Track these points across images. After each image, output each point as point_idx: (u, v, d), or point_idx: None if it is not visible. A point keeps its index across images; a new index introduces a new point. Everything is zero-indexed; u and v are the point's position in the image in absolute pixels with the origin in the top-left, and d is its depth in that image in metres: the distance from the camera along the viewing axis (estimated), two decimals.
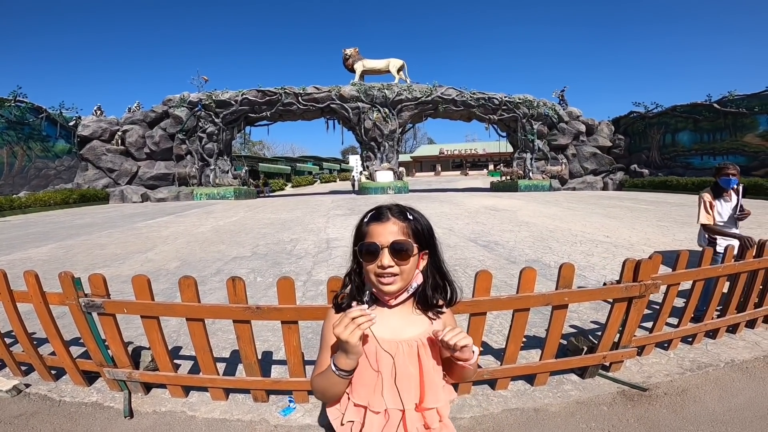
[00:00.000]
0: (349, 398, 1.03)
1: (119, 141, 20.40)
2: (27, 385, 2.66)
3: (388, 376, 1.00)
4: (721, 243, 3.49)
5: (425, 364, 1.02)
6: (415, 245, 0.97)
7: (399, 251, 0.95)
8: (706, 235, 3.71)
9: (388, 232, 0.96)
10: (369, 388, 1.01)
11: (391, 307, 1.03)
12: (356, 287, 1.06)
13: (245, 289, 2.21)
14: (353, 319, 0.87)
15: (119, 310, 2.27)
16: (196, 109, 20.45)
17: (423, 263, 1.03)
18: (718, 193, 3.64)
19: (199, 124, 20.67)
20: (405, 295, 1.02)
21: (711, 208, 3.61)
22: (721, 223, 3.62)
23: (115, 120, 21.04)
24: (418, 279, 1.03)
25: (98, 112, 21.44)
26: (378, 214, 1.01)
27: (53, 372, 2.73)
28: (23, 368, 2.80)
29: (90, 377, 2.68)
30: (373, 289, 1.01)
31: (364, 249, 0.98)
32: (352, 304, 1.01)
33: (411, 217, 1.00)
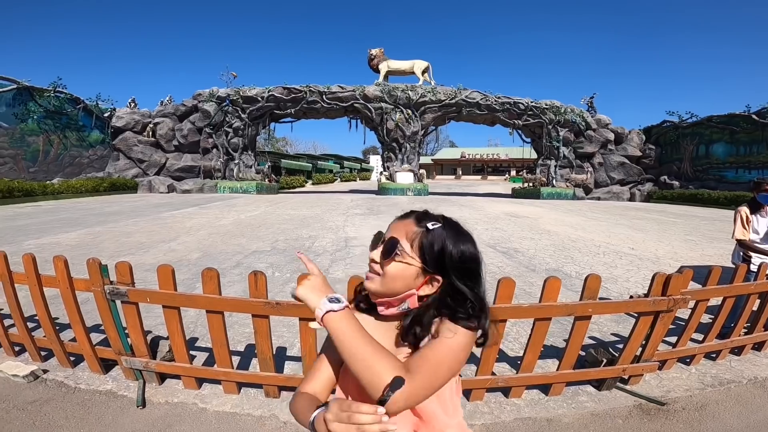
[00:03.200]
0: None
1: (150, 133, 21.10)
2: (45, 371, 2.71)
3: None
4: (756, 260, 3.34)
5: None
6: (411, 256, 0.83)
7: (385, 250, 0.84)
8: (741, 252, 3.56)
9: (397, 229, 0.87)
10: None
11: (380, 317, 0.90)
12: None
13: (266, 284, 2.22)
14: (359, 425, 0.63)
15: (142, 299, 2.32)
16: (224, 104, 20.93)
17: (429, 289, 0.85)
18: (756, 208, 3.48)
19: (226, 119, 21.16)
20: (393, 310, 0.87)
21: (747, 224, 3.46)
22: (758, 240, 3.46)
23: (147, 112, 21.77)
24: (413, 301, 0.86)
25: (132, 105, 22.25)
26: (406, 213, 0.92)
27: (72, 359, 2.79)
28: (43, 353, 2.86)
29: (107, 365, 2.74)
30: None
31: (374, 236, 0.91)
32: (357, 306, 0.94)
33: (425, 227, 0.84)
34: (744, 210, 3.51)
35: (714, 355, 3.03)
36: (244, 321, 3.31)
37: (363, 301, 0.95)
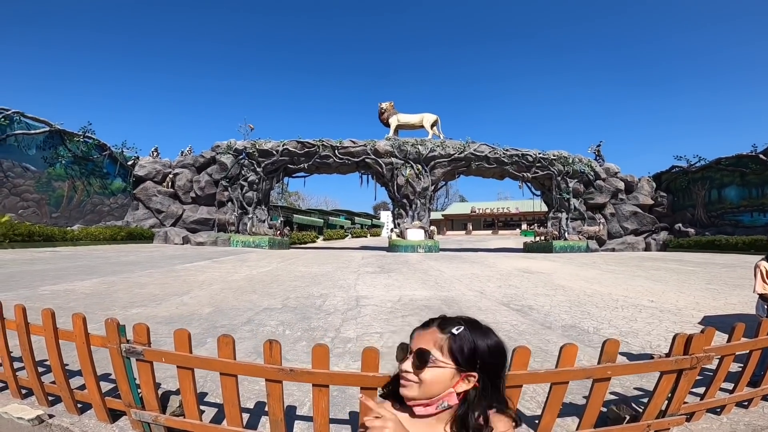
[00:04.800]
0: None
1: (170, 183, 21.77)
2: (51, 416, 2.71)
3: None
4: None
5: None
6: (444, 362, 0.92)
7: (418, 359, 0.92)
8: (765, 305, 3.46)
9: (423, 339, 0.95)
10: None
11: (414, 415, 0.97)
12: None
13: (281, 351, 2.27)
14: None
15: (158, 358, 2.37)
16: (241, 156, 21.70)
17: (465, 385, 0.93)
18: None
19: (242, 172, 21.83)
20: (431, 410, 0.94)
21: (767, 277, 3.39)
22: None
23: (168, 162, 22.66)
24: (451, 399, 0.94)
25: (155, 153, 23.11)
26: (426, 322, 1.00)
27: (79, 405, 2.78)
28: (50, 398, 2.87)
29: (114, 415, 2.72)
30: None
31: (398, 348, 0.99)
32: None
33: (450, 333, 0.93)
34: (763, 264, 3.46)
35: (746, 404, 2.93)
36: (255, 378, 3.25)
37: (389, 396, 1.04)
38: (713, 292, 7.66)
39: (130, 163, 21.28)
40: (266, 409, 2.37)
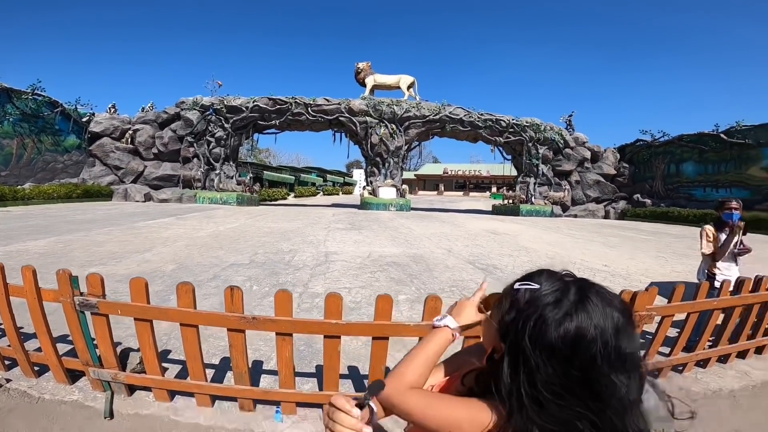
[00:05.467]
0: None
1: (129, 140, 20.62)
2: (8, 380, 2.63)
3: None
4: (719, 277, 3.51)
5: None
6: (493, 318, 0.74)
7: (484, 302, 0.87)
8: (705, 270, 3.73)
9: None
10: None
11: None
12: None
13: (242, 299, 2.21)
14: (333, 422, 0.67)
15: (113, 311, 2.27)
16: (208, 113, 20.70)
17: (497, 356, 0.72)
18: (721, 226, 3.66)
19: (209, 128, 20.89)
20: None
21: (713, 240, 3.63)
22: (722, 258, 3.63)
23: (127, 118, 21.31)
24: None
25: (112, 110, 21.74)
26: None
27: (36, 368, 2.70)
28: (7, 363, 2.78)
29: (73, 376, 2.66)
30: None
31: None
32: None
33: (517, 286, 0.69)
34: (709, 228, 3.70)
35: (681, 368, 3.13)
36: (220, 334, 3.24)
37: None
38: (662, 260, 8.19)
39: (84, 119, 20.18)
40: (231, 364, 2.37)
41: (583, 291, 0.63)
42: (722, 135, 18.78)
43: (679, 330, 3.04)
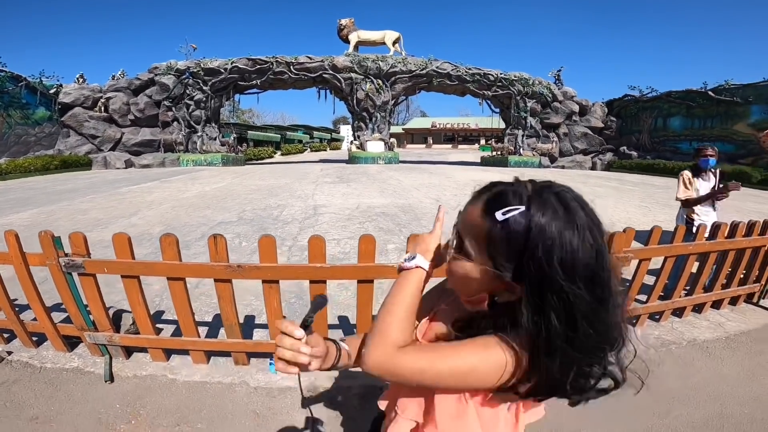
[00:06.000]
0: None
1: (102, 108, 19.85)
2: (9, 352, 2.66)
3: None
4: (696, 222, 3.58)
5: None
6: (479, 255, 0.63)
7: (456, 245, 0.68)
8: (684, 215, 3.81)
9: (466, 218, 0.67)
10: None
11: None
12: None
13: (227, 248, 2.19)
14: (278, 346, 0.64)
15: (99, 269, 2.26)
16: (184, 76, 19.93)
17: (508, 296, 0.64)
18: (698, 173, 3.72)
19: (187, 91, 20.17)
20: (469, 308, 0.72)
21: (690, 185, 3.70)
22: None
23: (98, 87, 20.34)
24: (483, 306, 0.69)
25: (81, 80, 20.82)
26: (479, 191, 0.68)
27: (34, 338, 2.73)
28: (5, 335, 2.80)
29: (71, 343, 2.69)
30: None
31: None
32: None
33: (493, 219, 0.60)
34: (686, 173, 3.75)
35: (657, 317, 3.19)
36: (211, 292, 3.29)
37: None
38: (645, 209, 8.37)
39: (52, 91, 19.38)
40: (222, 317, 2.42)
41: (565, 200, 0.60)
42: (710, 92, 18.88)
43: (656, 278, 3.05)
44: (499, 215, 0.59)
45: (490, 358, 0.62)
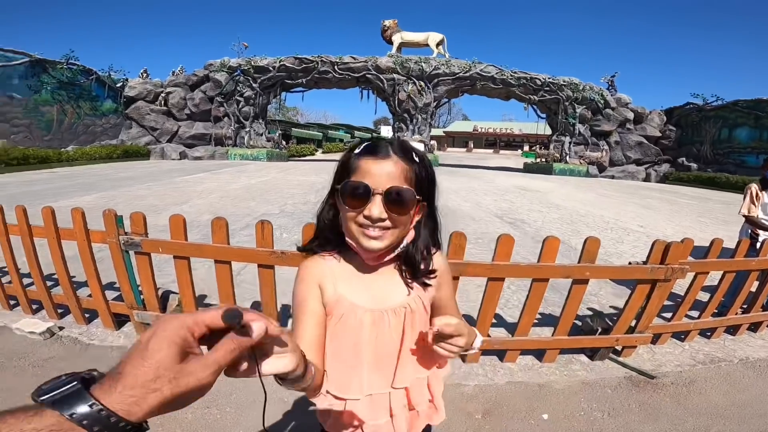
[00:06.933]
0: (324, 388, 0.81)
1: (162, 102, 21.27)
2: (61, 328, 2.79)
3: (369, 353, 0.82)
4: (761, 238, 3.31)
5: (408, 336, 0.83)
6: (417, 196, 0.75)
7: (396, 201, 0.73)
8: (749, 230, 3.53)
9: (386, 173, 0.73)
10: (346, 371, 0.82)
11: (370, 268, 0.83)
12: (325, 237, 0.87)
13: (272, 234, 2.26)
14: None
15: (155, 249, 2.40)
16: (236, 74, 20.92)
17: (418, 217, 0.80)
18: (766, 186, 3.43)
19: (237, 88, 21.16)
20: (392, 255, 0.81)
21: (757, 200, 3.41)
22: (765, 218, 3.42)
23: (159, 82, 21.83)
24: (410, 236, 0.81)
25: (144, 75, 22.33)
26: (375, 148, 0.76)
27: (86, 315, 2.88)
28: (59, 311, 2.95)
29: (119, 321, 2.84)
30: (351, 242, 0.78)
31: (348, 190, 0.74)
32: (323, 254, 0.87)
33: (417, 159, 0.77)
34: (754, 186, 3.46)
35: (709, 333, 3.01)
36: (253, 280, 3.42)
37: (322, 246, 0.88)
38: (703, 224, 7.81)
39: (118, 85, 20.98)
40: (261, 304, 2.50)
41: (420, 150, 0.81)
42: None
43: (710, 294, 2.89)
44: (416, 158, 0.77)
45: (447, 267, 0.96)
